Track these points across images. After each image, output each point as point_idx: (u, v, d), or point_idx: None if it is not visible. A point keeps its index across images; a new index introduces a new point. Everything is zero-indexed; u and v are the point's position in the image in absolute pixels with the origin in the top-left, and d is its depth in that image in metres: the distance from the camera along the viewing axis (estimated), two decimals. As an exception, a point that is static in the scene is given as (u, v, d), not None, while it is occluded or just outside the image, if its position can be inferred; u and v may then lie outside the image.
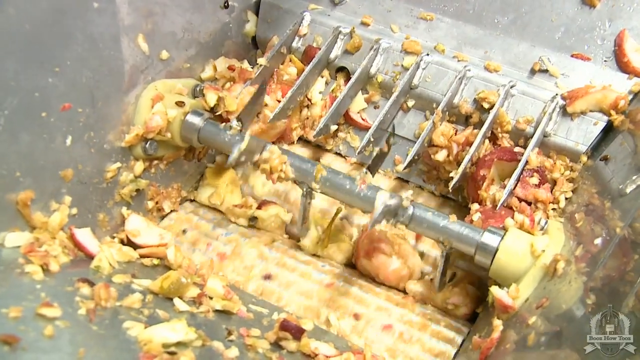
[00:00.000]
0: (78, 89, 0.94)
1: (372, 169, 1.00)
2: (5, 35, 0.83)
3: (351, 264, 1.08)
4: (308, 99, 1.17)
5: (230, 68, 1.17)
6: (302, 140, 1.21)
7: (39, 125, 0.89)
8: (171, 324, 0.81)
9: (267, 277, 1.03)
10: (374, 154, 1.00)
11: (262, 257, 1.05)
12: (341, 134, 1.18)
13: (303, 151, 1.20)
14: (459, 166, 1.02)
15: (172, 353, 0.78)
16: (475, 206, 1.00)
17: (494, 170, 1.02)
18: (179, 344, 0.79)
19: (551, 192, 0.99)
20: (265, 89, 1.03)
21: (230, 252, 1.06)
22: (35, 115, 0.89)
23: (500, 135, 1.07)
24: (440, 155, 1.07)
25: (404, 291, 1.03)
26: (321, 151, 1.20)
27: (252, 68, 1.19)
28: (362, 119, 1.16)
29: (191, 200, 1.17)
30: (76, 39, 0.92)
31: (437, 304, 1.02)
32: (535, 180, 1.00)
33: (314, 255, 1.08)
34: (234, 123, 1.02)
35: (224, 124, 1.04)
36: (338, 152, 1.19)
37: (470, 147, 1.03)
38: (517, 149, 1.04)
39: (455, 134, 1.08)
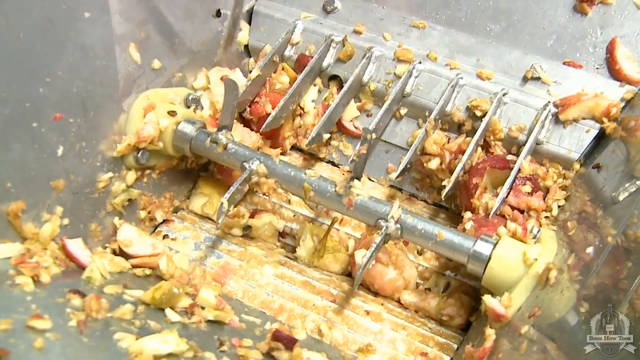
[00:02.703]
0: (69, 99, 0.93)
1: (357, 173, 0.99)
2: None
3: (347, 274, 1.08)
4: (301, 108, 1.17)
5: (222, 79, 1.16)
6: (295, 148, 1.21)
7: (30, 135, 0.89)
8: (162, 335, 0.81)
9: (261, 286, 1.02)
10: (354, 158, 0.99)
11: (257, 267, 1.05)
12: (334, 142, 1.18)
13: (296, 159, 1.20)
14: (451, 174, 1.02)
15: (163, 364, 0.77)
16: (467, 214, 0.99)
17: (487, 178, 1.02)
18: (170, 355, 0.79)
19: (544, 200, 0.99)
20: (237, 87, 1.02)
21: (224, 262, 1.05)
22: (27, 126, 0.88)
23: (492, 143, 1.07)
24: (433, 164, 1.07)
25: (399, 301, 1.03)
26: (314, 159, 1.20)
27: (245, 77, 1.19)
28: (355, 127, 1.16)
29: (183, 210, 1.17)
30: (68, 48, 0.92)
31: (431, 314, 1.01)
32: (527, 188, 1.00)
33: (309, 265, 1.08)
34: (220, 136, 1.02)
35: (210, 136, 1.03)
36: (331, 160, 1.19)
37: (462, 155, 1.03)
38: (509, 157, 1.04)
39: (448, 142, 1.08)
